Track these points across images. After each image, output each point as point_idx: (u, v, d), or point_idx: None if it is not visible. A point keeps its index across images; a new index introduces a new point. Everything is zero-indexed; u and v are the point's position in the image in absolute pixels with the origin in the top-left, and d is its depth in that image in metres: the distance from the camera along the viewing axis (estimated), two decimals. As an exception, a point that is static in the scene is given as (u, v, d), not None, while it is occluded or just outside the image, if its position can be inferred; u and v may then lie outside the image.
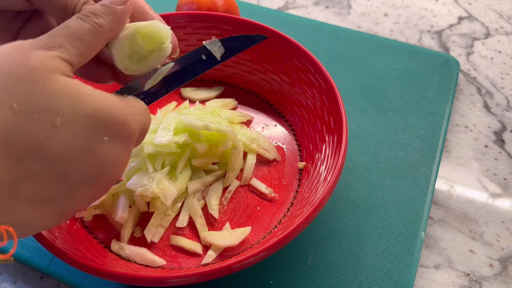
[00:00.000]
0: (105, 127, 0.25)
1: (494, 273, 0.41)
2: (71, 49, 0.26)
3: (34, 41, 0.25)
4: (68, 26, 0.27)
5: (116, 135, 0.26)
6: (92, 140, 0.25)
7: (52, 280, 0.41)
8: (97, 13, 0.29)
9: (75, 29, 0.27)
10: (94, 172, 0.26)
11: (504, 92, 0.57)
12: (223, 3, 0.55)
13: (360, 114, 0.52)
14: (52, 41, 0.26)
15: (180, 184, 0.42)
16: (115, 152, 0.26)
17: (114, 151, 0.26)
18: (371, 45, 0.60)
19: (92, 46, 0.28)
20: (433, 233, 0.44)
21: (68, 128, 0.24)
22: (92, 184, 0.26)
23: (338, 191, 0.45)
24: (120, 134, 0.26)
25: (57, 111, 0.23)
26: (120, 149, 0.27)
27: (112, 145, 0.26)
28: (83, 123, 0.24)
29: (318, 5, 0.71)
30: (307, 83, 0.47)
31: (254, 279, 0.39)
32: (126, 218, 0.41)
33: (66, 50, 0.26)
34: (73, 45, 0.26)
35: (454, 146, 0.51)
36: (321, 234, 0.42)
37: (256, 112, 0.51)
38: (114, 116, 0.26)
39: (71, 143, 0.24)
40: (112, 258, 0.39)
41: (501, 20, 0.68)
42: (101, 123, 0.25)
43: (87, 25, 0.28)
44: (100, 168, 0.26)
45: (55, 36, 0.26)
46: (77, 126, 0.24)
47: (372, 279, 0.39)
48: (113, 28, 0.30)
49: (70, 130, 0.24)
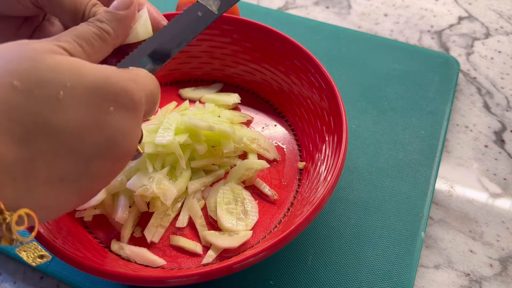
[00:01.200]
0: (109, 96, 0.25)
1: (494, 273, 0.41)
2: (75, 45, 0.27)
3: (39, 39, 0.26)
4: (75, 28, 0.28)
5: (122, 104, 0.26)
6: (97, 110, 0.25)
7: (52, 280, 0.41)
8: (102, 19, 0.30)
9: (82, 30, 0.28)
10: (106, 144, 0.25)
11: (504, 92, 0.57)
12: None
13: (360, 114, 0.52)
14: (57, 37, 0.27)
15: (180, 184, 0.42)
16: (123, 121, 0.26)
17: (122, 120, 0.26)
18: (371, 45, 0.60)
19: (98, 49, 0.28)
20: (433, 233, 0.44)
21: (72, 100, 0.24)
22: (107, 156, 0.26)
23: (338, 191, 0.45)
24: (125, 102, 0.26)
25: (58, 84, 0.23)
26: (128, 118, 0.26)
27: (119, 114, 0.26)
28: (86, 94, 0.24)
29: (318, 5, 0.71)
30: (307, 83, 0.47)
31: (254, 279, 0.39)
32: (126, 218, 0.41)
33: (70, 44, 0.26)
34: (78, 44, 0.27)
35: (454, 146, 0.51)
36: (321, 234, 0.42)
37: (256, 112, 0.51)
38: (116, 85, 0.26)
39: (77, 116, 0.24)
40: (112, 258, 0.39)
41: (501, 20, 0.68)
42: (104, 92, 0.25)
43: (93, 29, 0.29)
44: (111, 139, 0.25)
45: (61, 35, 0.27)
46: (81, 97, 0.24)
47: (372, 279, 0.39)
48: (119, 34, 0.30)
49: (74, 102, 0.24)
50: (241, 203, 0.42)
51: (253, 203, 0.43)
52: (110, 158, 0.26)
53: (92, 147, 0.25)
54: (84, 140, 0.24)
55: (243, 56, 0.51)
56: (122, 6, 0.31)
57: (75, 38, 0.27)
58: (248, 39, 0.50)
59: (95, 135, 0.25)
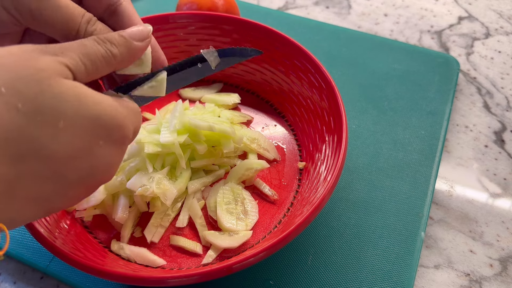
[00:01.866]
0: (104, 130, 0.26)
1: (494, 273, 0.41)
2: (80, 64, 0.26)
3: (45, 46, 0.25)
4: (84, 45, 0.27)
5: (113, 138, 0.27)
6: (91, 142, 0.25)
7: (52, 280, 0.41)
8: (114, 41, 0.29)
9: (90, 49, 0.27)
10: (89, 173, 0.26)
11: (504, 92, 0.57)
12: (223, 3, 0.55)
13: (360, 114, 0.52)
14: (63, 51, 0.26)
15: (180, 184, 0.42)
16: (111, 153, 0.27)
17: (110, 153, 0.27)
18: (371, 45, 0.60)
19: (100, 70, 0.28)
20: (433, 233, 0.44)
21: (70, 130, 0.24)
22: (85, 183, 0.27)
23: (338, 191, 0.45)
24: (117, 136, 0.27)
25: (61, 113, 0.24)
26: (116, 151, 0.28)
27: (109, 147, 0.27)
28: (84, 126, 0.25)
29: (318, 5, 0.71)
30: (307, 83, 0.47)
31: (254, 279, 0.39)
32: (126, 218, 0.41)
33: (75, 63, 0.26)
34: (82, 62, 0.27)
35: (454, 146, 0.51)
36: (321, 234, 0.42)
37: (256, 112, 0.51)
38: (113, 120, 0.26)
39: (72, 145, 0.24)
40: (112, 258, 0.39)
41: (501, 20, 0.68)
42: (101, 126, 0.26)
43: (102, 50, 0.28)
44: (95, 169, 0.27)
45: (68, 49, 0.26)
46: (79, 128, 0.25)
47: (372, 279, 0.39)
48: (124, 60, 0.30)
49: (71, 131, 0.24)
50: (241, 203, 0.42)
51: (253, 203, 0.43)
52: (88, 185, 0.27)
53: (77, 174, 0.25)
54: (71, 167, 0.25)
55: (243, 56, 0.51)
56: (139, 37, 0.30)
57: (81, 57, 0.27)
58: (248, 39, 0.50)
59: (82, 164, 0.26)
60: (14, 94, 0.22)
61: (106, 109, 0.26)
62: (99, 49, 0.28)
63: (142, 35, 0.31)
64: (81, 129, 0.25)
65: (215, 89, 0.53)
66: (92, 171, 0.26)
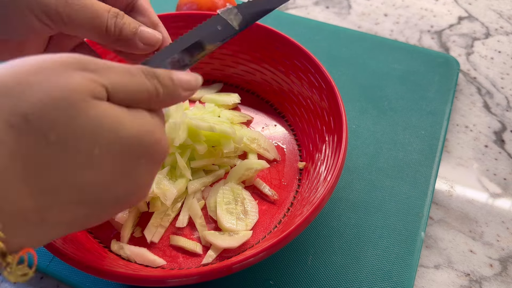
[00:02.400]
0: (144, 148, 0.24)
1: (494, 273, 0.41)
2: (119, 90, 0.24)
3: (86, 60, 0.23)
4: (131, 73, 0.25)
5: (152, 156, 0.25)
6: (130, 164, 0.24)
7: (52, 280, 0.41)
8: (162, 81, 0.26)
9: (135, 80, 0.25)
10: (126, 195, 0.25)
11: (504, 92, 0.57)
12: (223, 3, 0.55)
13: (360, 114, 0.52)
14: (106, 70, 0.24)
15: (180, 184, 0.42)
16: (146, 174, 0.25)
17: (146, 174, 0.25)
18: (371, 45, 0.60)
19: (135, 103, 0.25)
20: (433, 233, 0.44)
21: (105, 157, 0.23)
22: (121, 204, 0.25)
23: (338, 191, 0.45)
24: (154, 158, 0.25)
25: (96, 140, 0.22)
26: (151, 171, 0.26)
27: (146, 166, 0.25)
28: (122, 150, 0.23)
29: (318, 5, 0.71)
30: (307, 83, 0.47)
31: (254, 279, 0.39)
32: (126, 218, 0.41)
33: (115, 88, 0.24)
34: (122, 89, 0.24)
35: (454, 146, 0.51)
36: (321, 234, 0.42)
37: (256, 112, 0.51)
38: (151, 136, 0.25)
39: (106, 171, 0.23)
40: (112, 258, 0.38)
41: (501, 20, 0.68)
42: (140, 145, 0.24)
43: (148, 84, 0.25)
44: (134, 189, 0.25)
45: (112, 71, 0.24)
46: (115, 154, 0.23)
47: (372, 279, 0.39)
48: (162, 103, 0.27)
49: (107, 158, 0.23)
50: (241, 203, 0.42)
51: (253, 203, 0.43)
52: (123, 205, 0.26)
53: (113, 198, 0.24)
54: (108, 192, 0.24)
55: (243, 56, 0.51)
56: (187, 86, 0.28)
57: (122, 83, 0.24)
58: (248, 39, 0.50)
59: (120, 187, 0.24)
60: (44, 122, 0.21)
61: (142, 128, 0.24)
62: (145, 83, 0.25)
63: (190, 86, 0.28)
64: (119, 154, 0.23)
65: (215, 89, 0.53)
66: (130, 192, 0.25)
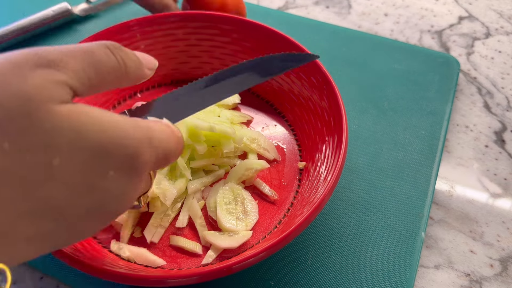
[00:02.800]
0: (111, 160, 0.23)
1: (495, 273, 0.41)
2: (83, 76, 0.23)
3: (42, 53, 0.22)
4: (91, 52, 0.24)
5: (123, 168, 0.23)
6: (95, 175, 0.22)
7: (52, 280, 0.41)
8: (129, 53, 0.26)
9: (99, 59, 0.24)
10: (98, 205, 0.23)
11: (505, 92, 0.57)
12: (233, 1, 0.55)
13: (360, 114, 0.52)
14: (63, 60, 0.22)
15: (180, 184, 0.42)
16: (121, 185, 0.24)
17: (120, 184, 0.24)
18: (371, 45, 0.60)
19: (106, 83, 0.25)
20: (433, 233, 0.44)
21: (67, 166, 0.21)
22: (95, 216, 0.24)
23: (338, 191, 0.45)
24: (128, 166, 0.24)
25: (55, 149, 0.21)
26: (127, 181, 0.24)
27: (118, 179, 0.23)
28: (84, 160, 0.22)
29: (318, 4, 0.71)
30: (307, 83, 0.47)
31: (254, 279, 0.39)
32: (125, 218, 0.41)
33: (77, 76, 0.23)
34: (87, 74, 0.23)
35: (455, 146, 0.51)
36: (321, 234, 0.42)
37: (256, 112, 0.51)
38: (122, 147, 0.23)
39: (70, 182, 0.22)
40: (112, 258, 0.38)
41: (502, 20, 0.68)
42: (105, 156, 0.22)
43: (113, 60, 0.25)
44: (104, 202, 0.24)
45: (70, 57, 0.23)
46: (78, 162, 0.22)
47: (372, 279, 0.39)
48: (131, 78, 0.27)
49: (69, 168, 0.21)
50: (241, 203, 0.42)
51: (253, 203, 0.42)
52: (100, 218, 0.24)
53: (81, 210, 0.23)
54: (73, 205, 0.22)
55: (243, 56, 0.51)
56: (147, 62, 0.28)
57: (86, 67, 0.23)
58: (248, 39, 0.50)
59: (87, 200, 0.23)
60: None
61: (113, 135, 0.22)
62: (110, 59, 0.24)
63: (151, 64, 0.29)
64: (81, 164, 0.22)
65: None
66: (102, 204, 0.23)
